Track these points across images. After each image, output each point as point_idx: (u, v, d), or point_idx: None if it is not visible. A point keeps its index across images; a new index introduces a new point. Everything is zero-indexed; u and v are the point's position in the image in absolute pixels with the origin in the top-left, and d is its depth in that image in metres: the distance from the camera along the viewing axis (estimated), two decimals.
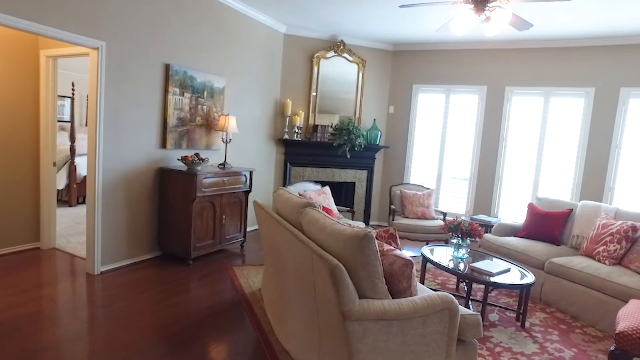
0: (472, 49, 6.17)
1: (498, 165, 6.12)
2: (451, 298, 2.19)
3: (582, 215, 4.29)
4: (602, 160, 5.52)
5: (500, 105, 6.05)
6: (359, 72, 6.52)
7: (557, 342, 3.14)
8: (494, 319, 3.46)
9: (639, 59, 5.29)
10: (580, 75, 5.60)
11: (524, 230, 4.51)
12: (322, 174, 6.57)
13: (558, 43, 5.65)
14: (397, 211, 5.53)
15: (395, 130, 6.83)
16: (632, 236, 3.64)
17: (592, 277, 3.50)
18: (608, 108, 5.47)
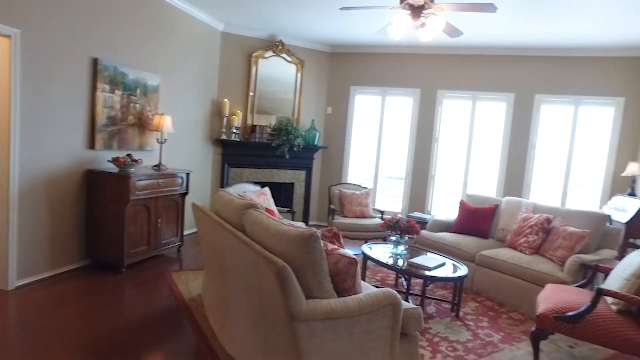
0: (408, 53, 6.44)
1: (431, 164, 6.44)
2: (394, 294, 2.27)
3: (506, 210, 4.65)
4: (520, 158, 6.02)
5: (432, 108, 6.37)
6: (298, 73, 6.54)
7: (487, 328, 3.37)
8: (431, 311, 3.64)
9: (550, 68, 5.84)
10: (503, 82, 6.06)
11: (456, 225, 4.78)
12: (261, 175, 6.50)
13: (485, 51, 6.07)
14: (336, 210, 5.62)
15: (333, 131, 6.93)
16: (547, 227, 4.00)
17: (515, 266, 3.81)
18: (525, 112, 5.98)
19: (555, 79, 5.85)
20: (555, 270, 3.62)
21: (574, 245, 3.74)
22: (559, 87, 5.85)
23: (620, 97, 5.66)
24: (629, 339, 2.40)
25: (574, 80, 5.79)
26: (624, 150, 5.68)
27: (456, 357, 2.87)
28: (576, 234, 3.77)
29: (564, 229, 3.88)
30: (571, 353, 3.09)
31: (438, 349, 2.96)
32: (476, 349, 3.01)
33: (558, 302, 2.68)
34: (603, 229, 3.95)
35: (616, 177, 5.68)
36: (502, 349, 3.05)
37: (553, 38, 5.33)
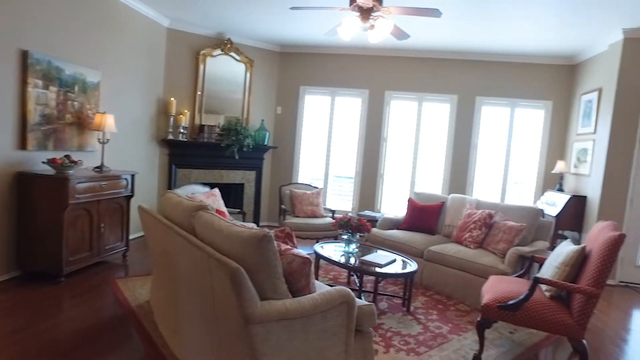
0: (357, 55, 6.55)
1: (380, 164, 6.59)
2: (348, 291, 2.29)
3: (451, 207, 4.86)
4: (464, 157, 6.33)
5: (380, 108, 6.53)
6: (247, 72, 6.45)
7: (437, 321, 3.50)
8: (383, 307, 3.72)
9: (489, 72, 6.19)
10: (447, 84, 6.33)
11: (405, 223, 4.93)
12: (210, 176, 6.35)
13: (430, 54, 6.31)
14: (287, 210, 5.60)
15: (283, 131, 6.91)
16: (489, 222, 4.23)
17: (461, 260, 3.99)
18: (467, 113, 6.29)
19: (494, 83, 6.21)
20: (497, 262, 3.83)
21: (513, 238, 3.99)
22: (497, 90, 6.21)
23: (549, 100, 6.11)
24: (560, 322, 2.59)
25: (510, 84, 6.17)
26: (553, 149, 6.13)
27: (408, 350, 2.96)
28: (515, 228, 4.02)
29: (504, 224, 4.12)
30: (511, 338, 3.29)
31: (391, 344, 3.04)
32: (427, 341, 3.13)
33: (500, 293, 2.84)
34: (537, 222, 4.24)
35: (547, 174, 6.12)
36: (451, 339, 3.19)
37: (492, 44, 5.66)
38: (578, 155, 5.65)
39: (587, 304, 2.57)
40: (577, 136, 5.76)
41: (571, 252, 2.81)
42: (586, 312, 2.58)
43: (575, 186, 5.66)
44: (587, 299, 2.57)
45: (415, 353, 2.92)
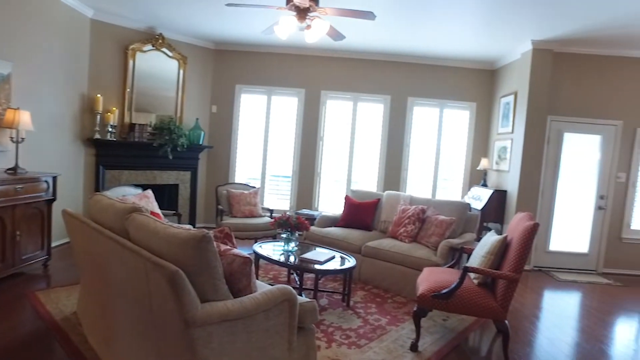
0: (294, 54, 6.56)
1: (317, 162, 6.67)
2: (290, 289, 2.31)
3: (387, 203, 5.04)
4: (397, 156, 6.59)
5: (317, 108, 6.61)
6: (180, 69, 6.22)
7: (376, 314, 3.63)
8: (324, 304, 3.78)
9: (420, 74, 6.50)
10: (381, 84, 6.55)
11: (342, 220, 5.04)
12: (142, 177, 6.04)
13: (366, 55, 6.49)
14: (224, 211, 5.49)
15: (219, 130, 6.76)
16: (422, 217, 4.46)
17: (396, 254, 4.16)
18: (400, 113, 6.56)
19: (425, 85, 6.54)
20: (431, 255, 4.05)
21: (444, 231, 4.23)
22: (427, 91, 6.54)
23: (473, 102, 6.56)
24: (486, 306, 2.81)
25: (439, 86, 6.53)
26: (477, 147, 6.59)
27: (350, 343, 3.03)
28: (445, 222, 4.27)
29: (436, 218, 4.36)
30: (444, 325, 3.49)
31: (333, 338, 3.09)
32: (367, 333, 3.22)
33: (434, 283, 3.01)
34: (466, 215, 4.53)
35: (473, 170, 6.57)
36: (389, 330, 3.32)
37: (423, 48, 5.95)
38: (499, 153, 6.13)
39: (508, 288, 2.81)
40: (497, 135, 6.24)
41: (495, 241, 3.05)
42: (508, 295, 2.81)
43: (497, 181, 6.13)
44: (509, 284, 2.80)
45: (357, 346, 3.00)
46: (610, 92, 5.62)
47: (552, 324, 3.75)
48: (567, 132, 5.64)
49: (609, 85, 5.61)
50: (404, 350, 2.98)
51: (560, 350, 3.22)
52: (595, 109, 5.62)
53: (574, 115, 5.61)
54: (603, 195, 5.72)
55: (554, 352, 3.18)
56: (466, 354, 3.05)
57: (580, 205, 5.76)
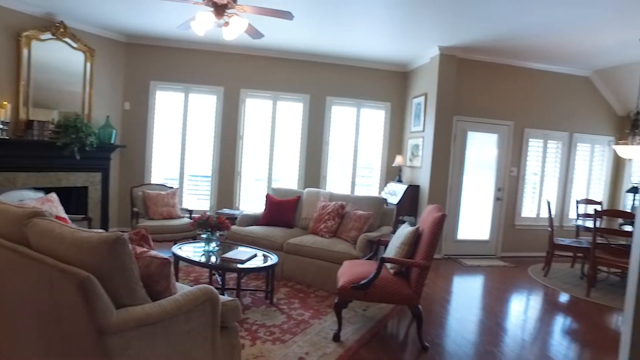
0: (212, 51, 6.40)
1: (237, 161, 6.58)
2: (211, 289, 2.29)
3: (307, 200, 5.15)
4: (317, 154, 6.74)
5: (236, 106, 6.52)
6: (87, 62, 5.75)
7: (299, 309, 3.70)
8: (247, 302, 3.77)
9: (338, 74, 6.71)
10: (300, 84, 6.64)
11: (264, 218, 5.05)
12: (44, 180, 5.50)
13: (285, 54, 6.53)
14: (140, 213, 5.22)
15: (133, 129, 6.38)
16: (341, 213, 4.63)
17: (317, 249, 4.28)
18: (319, 112, 6.72)
19: (343, 84, 6.75)
20: (350, 248, 4.22)
21: (363, 225, 4.43)
22: (345, 91, 6.77)
23: (388, 102, 6.93)
24: (402, 293, 3.01)
25: (357, 86, 6.79)
26: (393, 145, 6.98)
27: (274, 339, 3.07)
28: (363, 216, 4.47)
29: (355, 213, 4.55)
30: (364, 314, 3.67)
31: (257, 336, 3.10)
32: (291, 328, 3.28)
33: (353, 275, 3.15)
34: (382, 210, 4.79)
35: (389, 167, 6.94)
36: (313, 324, 3.40)
37: (341, 49, 6.15)
38: (412, 150, 6.54)
39: (421, 275, 3.03)
40: (410, 134, 6.66)
41: (408, 233, 3.27)
42: (420, 282, 3.04)
43: (411, 177, 6.54)
44: (421, 271, 3.03)
45: (281, 341, 3.05)
46: (503, 96, 6.28)
47: (460, 306, 4.12)
48: (470, 131, 6.19)
49: (503, 90, 6.27)
50: (327, 342, 3.08)
51: (466, 328, 3.56)
52: (493, 110, 6.25)
53: (476, 116, 6.18)
54: (500, 187, 6.38)
55: (461, 331, 3.50)
56: (385, 339, 3.24)
57: (483, 197, 6.37)
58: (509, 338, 3.40)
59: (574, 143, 6.64)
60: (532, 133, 6.45)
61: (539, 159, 6.56)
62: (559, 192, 6.69)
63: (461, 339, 3.33)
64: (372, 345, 3.10)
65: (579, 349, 3.33)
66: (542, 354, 3.15)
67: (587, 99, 6.63)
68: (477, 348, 3.18)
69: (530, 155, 6.49)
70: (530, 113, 6.40)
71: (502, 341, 3.33)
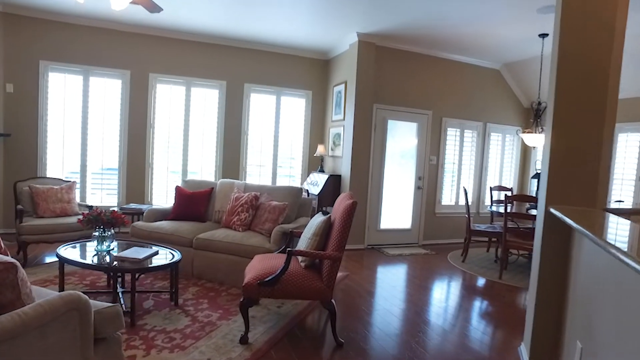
0: (115, 30, 5.74)
1: (147, 152, 6.03)
2: (77, 296, 1.91)
3: (221, 192, 4.79)
4: (235, 144, 6.38)
5: (145, 92, 5.95)
6: None
7: (207, 310, 3.37)
8: (148, 306, 3.37)
9: (256, 61, 6.38)
10: (216, 70, 6.22)
11: (173, 212, 4.63)
12: None
13: (199, 37, 6.06)
14: (27, 211, 4.55)
15: (20, 115, 5.56)
16: (255, 204, 4.34)
17: (229, 244, 3.96)
18: (236, 100, 6.35)
19: (262, 71, 6.44)
20: (264, 242, 3.95)
21: (278, 217, 4.19)
22: (264, 78, 6.46)
23: (309, 90, 6.74)
24: (312, 287, 2.81)
25: (276, 74, 6.51)
26: (314, 134, 6.81)
27: (173, 347, 2.73)
28: (278, 207, 4.23)
29: (269, 204, 4.29)
30: (278, 312, 3.44)
31: (153, 344, 2.74)
32: (194, 332, 2.95)
33: (261, 270, 2.90)
34: (299, 200, 4.57)
35: (311, 157, 6.76)
36: (220, 325, 3.10)
37: (260, 33, 5.84)
38: (334, 140, 6.41)
39: (332, 267, 2.85)
40: (332, 122, 6.52)
41: (319, 222, 3.07)
42: (332, 274, 2.86)
43: (334, 167, 6.41)
44: (332, 263, 2.85)
45: (181, 348, 2.72)
46: (422, 85, 6.35)
47: (381, 297, 4.03)
48: (390, 119, 6.18)
49: (422, 79, 6.34)
50: (234, 345, 2.81)
51: (386, 320, 3.46)
52: (412, 99, 6.29)
53: (395, 104, 6.18)
54: (421, 176, 6.46)
55: (381, 323, 3.39)
56: (299, 338, 3.03)
57: (404, 186, 6.41)
58: (429, 328, 3.35)
59: (487, 132, 6.92)
60: (450, 122, 6.61)
61: (456, 147, 6.75)
62: (475, 180, 6.94)
63: (380, 332, 3.22)
64: (284, 345, 2.88)
65: (493, 331, 3.36)
66: (460, 342, 3.12)
67: (498, 90, 6.93)
68: (396, 341, 3.08)
69: (448, 144, 6.65)
70: (447, 103, 6.55)
71: (421, 332, 3.26)
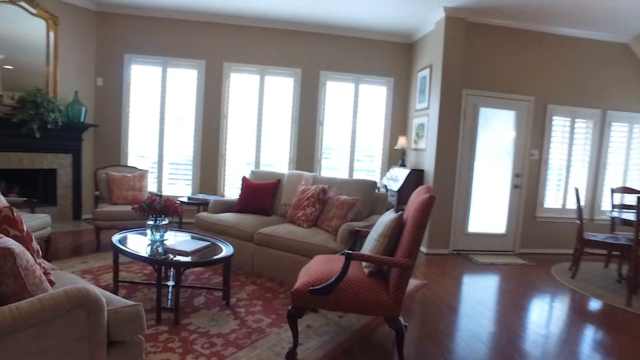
0: (191, 21, 5.74)
1: (221, 142, 5.93)
2: (85, 291, 1.63)
3: (288, 184, 4.44)
4: (310, 134, 6.02)
5: (219, 81, 5.85)
6: (50, 32, 5.18)
7: (259, 313, 3.02)
8: (199, 303, 3.11)
9: (333, 47, 5.96)
10: (291, 57, 5.92)
11: (238, 204, 4.38)
12: (4, 160, 5.00)
13: (273, 24, 5.83)
14: (103, 197, 4.64)
15: (107, 107, 5.79)
16: (323, 198, 3.90)
17: (291, 241, 3.57)
18: (312, 88, 5.98)
19: (339, 58, 6.00)
20: (329, 240, 3.50)
21: (346, 213, 3.71)
22: (342, 65, 6.01)
23: (391, 77, 6.13)
24: (375, 301, 2.28)
25: (355, 60, 6.03)
26: (396, 125, 6.19)
27: (211, 354, 2.40)
28: (347, 202, 3.74)
29: (337, 198, 3.83)
30: (339, 323, 2.96)
31: (191, 349, 2.44)
32: (239, 339, 2.60)
33: (317, 274, 2.45)
34: (372, 195, 4.04)
35: (392, 150, 6.17)
36: (269, 333, 2.72)
37: (337, 16, 5.41)
38: (417, 131, 5.75)
39: (401, 277, 2.30)
40: (415, 112, 5.86)
41: (388, 221, 2.54)
42: (401, 286, 2.31)
43: (416, 161, 5.76)
44: (401, 272, 2.30)
45: (219, 357, 2.37)
46: (521, 67, 5.40)
47: (465, 314, 3.36)
48: (482, 107, 5.36)
49: (521, 59, 5.39)
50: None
51: (470, 346, 2.81)
52: (509, 83, 5.38)
53: (488, 90, 5.33)
54: (519, 173, 5.53)
55: (462, 349, 2.76)
56: (357, 357, 2.52)
57: (498, 184, 5.53)
58: None
59: (607, 122, 5.71)
60: (557, 110, 5.56)
61: (565, 140, 5.66)
62: (590, 180, 5.78)
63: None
64: None
65: None
66: None
67: (625, 69, 5.67)
68: None
69: (554, 136, 5.60)
70: (554, 87, 5.50)
71: None
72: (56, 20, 5.22)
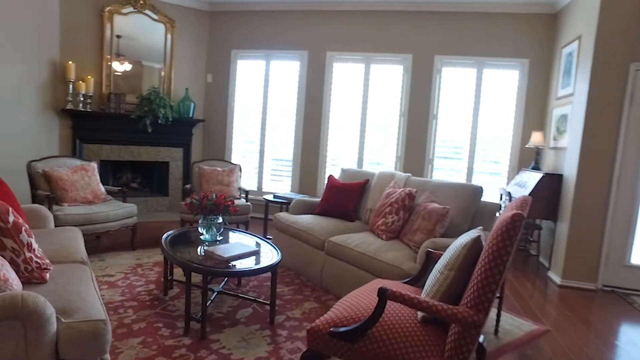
0: (293, 10, 5.49)
1: (322, 139, 5.54)
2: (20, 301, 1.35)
3: (377, 185, 3.78)
4: (421, 130, 5.21)
5: (322, 72, 5.46)
6: (168, 34, 5.49)
7: (301, 340, 2.49)
8: (242, 316, 2.73)
9: (449, 26, 5.04)
10: (399, 41, 5.21)
11: (320, 206, 3.90)
12: (126, 153, 5.46)
13: (377, 5, 5.19)
14: (193, 191, 4.67)
15: (215, 102, 5.93)
16: (408, 205, 3.15)
17: (360, 255, 2.95)
18: (424, 76, 5.16)
19: (457, 39, 5.05)
20: (406, 259, 2.76)
21: (434, 225, 2.91)
22: (461, 47, 5.05)
23: (525, 59, 4.91)
24: None
25: (477, 40, 5.00)
26: (530, 118, 4.95)
27: None
28: (436, 212, 2.93)
29: (425, 207, 3.04)
30: None
31: None
32: None
33: (348, 309, 1.82)
34: (474, 204, 3.12)
35: (523, 149, 4.96)
36: None
37: None
38: (557, 124, 4.48)
39: (462, 337, 1.52)
40: (556, 101, 4.57)
41: (459, 247, 1.75)
42: (461, 350, 1.52)
43: (555, 163, 4.49)
44: (463, 329, 1.51)
45: None
46: None
47: None
48: None
49: None
50: None
51: None
52: None
53: None
54: None
55: None
56: None
57: None
58: None
59: None
60: None
61: None
62: None
63: None
64: None
65: None
66: None
67: None
68: None
69: None
70: None
71: None
72: (173, 23, 5.50)
